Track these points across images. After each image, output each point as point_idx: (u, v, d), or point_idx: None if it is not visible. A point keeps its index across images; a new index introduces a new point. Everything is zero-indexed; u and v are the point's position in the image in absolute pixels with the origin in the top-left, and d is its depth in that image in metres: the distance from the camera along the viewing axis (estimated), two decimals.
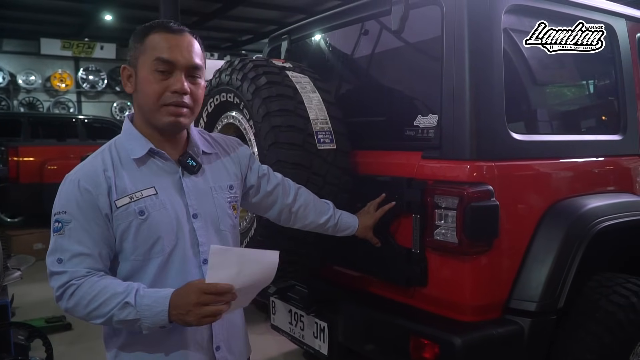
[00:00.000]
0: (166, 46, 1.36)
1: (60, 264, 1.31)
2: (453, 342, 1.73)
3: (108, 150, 1.42)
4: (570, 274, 1.86)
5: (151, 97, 1.36)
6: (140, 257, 1.36)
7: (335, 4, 10.79)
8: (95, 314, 1.29)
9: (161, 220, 1.36)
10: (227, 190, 1.53)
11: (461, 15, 1.86)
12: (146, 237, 1.35)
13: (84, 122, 8.71)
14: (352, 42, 2.46)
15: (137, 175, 1.38)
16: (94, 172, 1.35)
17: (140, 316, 1.26)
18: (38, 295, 5.11)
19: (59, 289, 1.31)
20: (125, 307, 1.26)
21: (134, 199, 1.35)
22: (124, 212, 1.34)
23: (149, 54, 1.35)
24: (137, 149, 1.40)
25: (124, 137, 1.44)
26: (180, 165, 1.44)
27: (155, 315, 1.26)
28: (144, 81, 1.36)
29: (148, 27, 1.39)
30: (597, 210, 2.00)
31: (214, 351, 1.46)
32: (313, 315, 2.30)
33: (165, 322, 1.27)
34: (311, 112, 1.98)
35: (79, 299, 1.29)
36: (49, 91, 14.25)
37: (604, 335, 1.87)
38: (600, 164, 2.23)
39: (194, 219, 1.43)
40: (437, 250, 1.86)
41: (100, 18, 11.71)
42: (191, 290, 1.26)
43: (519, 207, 1.92)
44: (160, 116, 1.38)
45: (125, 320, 1.27)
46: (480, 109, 1.84)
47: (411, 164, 1.95)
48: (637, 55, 2.42)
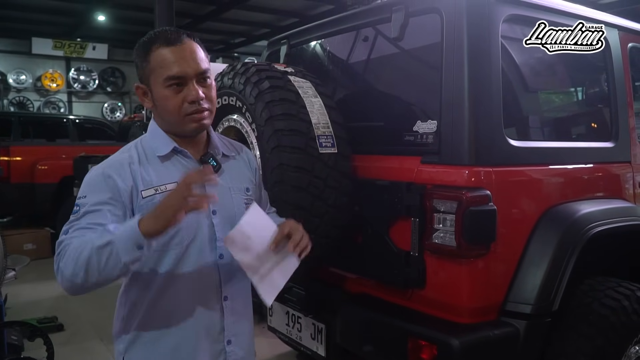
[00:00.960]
0: (172, 61, 1.40)
1: (65, 235, 1.32)
2: (451, 344, 1.76)
3: (134, 147, 1.48)
4: (564, 278, 1.90)
5: (172, 111, 1.42)
6: (159, 247, 1.37)
7: (327, 8, 10.85)
8: (81, 262, 1.23)
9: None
10: (244, 192, 1.58)
11: (460, 24, 1.91)
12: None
13: (75, 122, 8.65)
14: (352, 48, 2.50)
15: (162, 170, 1.44)
16: (119, 164, 1.41)
17: (113, 238, 1.22)
18: (29, 295, 5.09)
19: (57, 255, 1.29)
20: (103, 234, 1.25)
21: (159, 191, 1.39)
22: (149, 203, 1.37)
23: (158, 73, 1.41)
24: (161, 147, 1.46)
25: (150, 136, 1.50)
26: (202, 164, 1.49)
27: (125, 229, 1.23)
28: (162, 98, 1.42)
29: (148, 42, 1.43)
30: (591, 216, 2.05)
31: (224, 344, 1.49)
32: (311, 316, 2.33)
33: (136, 232, 1.20)
34: (313, 116, 2.02)
35: (68, 253, 1.26)
36: (39, 91, 14.15)
37: (596, 337, 1.91)
38: (593, 170, 2.29)
39: (213, 215, 1.47)
40: (435, 253, 1.90)
41: (94, 18, 11.65)
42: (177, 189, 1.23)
43: (516, 211, 1.97)
44: (185, 125, 1.44)
45: (100, 248, 1.22)
46: (478, 115, 1.89)
47: (410, 169, 1.99)
48: (628, 64, 2.48)
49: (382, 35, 2.31)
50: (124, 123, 11.87)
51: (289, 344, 2.80)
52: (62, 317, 4.30)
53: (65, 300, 4.96)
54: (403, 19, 2.08)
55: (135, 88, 1.48)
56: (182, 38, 1.43)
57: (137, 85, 1.47)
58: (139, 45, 1.46)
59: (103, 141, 8.12)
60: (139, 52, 1.44)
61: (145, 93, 1.46)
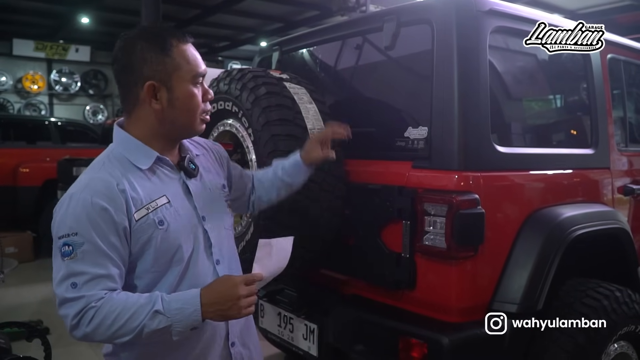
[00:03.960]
0: (196, 58, 1.38)
1: (75, 289, 1.23)
2: (441, 342, 1.83)
3: (109, 162, 1.35)
4: (548, 278, 1.98)
5: (195, 110, 1.39)
6: (161, 267, 1.35)
7: (313, 14, 10.93)
8: (122, 332, 1.23)
9: (179, 228, 1.36)
10: (222, 190, 1.57)
11: (450, 35, 1.98)
12: (168, 247, 1.34)
13: (57, 124, 8.58)
14: (344, 56, 2.57)
15: (148, 185, 1.35)
16: (106, 188, 1.28)
17: (171, 322, 1.23)
18: (13, 299, 5.04)
19: (76, 316, 1.23)
20: (155, 316, 1.22)
21: (151, 209, 1.32)
22: (144, 225, 1.31)
23: (186, 69, 1.35)
24: (142, 159, 1.36)
25: (122, 147, 1.38)
26: (181, 169, 1.44)
27: (187, 316, 1.24)
28: (188, 96, 1.36)
29: (165, 36, 1.34)
30: (573, 219, 2.13)
31: (229, 347, 1.48)
32: (303, 317, 2.38)
33: (198, 321, 1.25)
34: (308, 122, 2.07)
35: (101, 320, 1.22)
36: (20, 92, 13.95)
37: (578, 335, 2.00)
38: (574, 176, 2.38)
39: (204, 221, 1.44)
40: (425, 254, 1.96)
41: (77, 20, 11.56)
42: (230, 285, 1.28)
43: (502, 215, 2.04)
44: (198, 126, 1.42)
45: (156, 330, 1.23)
46: (467, 122, 1.96)
47: (402, 173, 2.05)
48: (607, 74, 2.58)
49: (373, 45, 2.38)
50: (107, 126, 11.77)
51: (279, 345, 2.84)
52: (47, 321, 4.27)
53: (50, 304, 4.91)
54: (395, 28, 2.15)
55: (147, 87, 1.33)
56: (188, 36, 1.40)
57: (150, 83, 1.33)
58: (147, 40, 1.33)
59: (86, 144, 8.07)
60: (152, 46, 1.33)
61: (157, 92, 1.34)
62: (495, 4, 2.06)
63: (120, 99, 1.42)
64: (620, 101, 2.76)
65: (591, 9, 9.22)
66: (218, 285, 1.30)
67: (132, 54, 1.34)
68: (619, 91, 2.75)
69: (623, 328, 2.12)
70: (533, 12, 2.30)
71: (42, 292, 5.31)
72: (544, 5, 8.72)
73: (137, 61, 1.33)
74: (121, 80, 1.38)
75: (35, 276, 5.91)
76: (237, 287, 1.28)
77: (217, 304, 1.26)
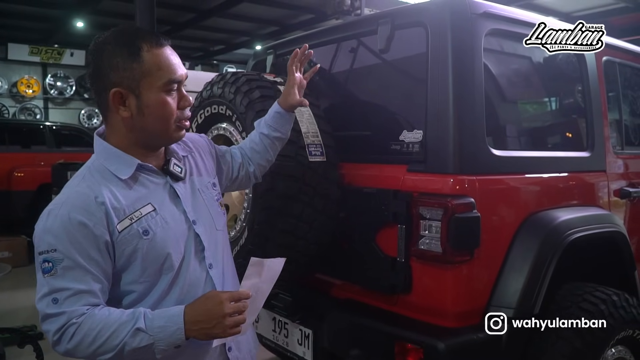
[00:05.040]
0: (172, 63, 1.31)
1: (56, 305, 1.21)
2: (437, 347, 1.81)
3: (90, 175, 1.32)
4: (545, 282, 1.97)
5: (168, 118, 1.32)
6: (151, 277, 1.32)
7: (307, 17, 10.94)
8: (103, 350, 1.21)
9: (166, 236, 1.33)
10: (212, 189, 1.52)
11: (445, 38, 1.97)
12: (155, 257, 1.31)
13: (52, 129, 8.55)
14: (339, 59, 2.56)
15: (131, 195, 1.31)
16: (84, 202, 1.25)
17: (153, 340, 1.21)
18: (6, 304, 5.01)
19: (57, 332, 1.21)
20: (137, 333, 1.20)
21: (134, 219, 1.29)
22: (127, 236, 1.27)
23: (157, 76, 1.28)
24: (123, 169, 1.32)
25: (102, 158, 1.34)
26: (167, 173, 1.40)
27: (170, 335, 1.22)
28: (158, 104, 1.30)
29: (134, 40, 1.28)
30: (569, 223, 2.12)
31: (226, 352, 1.47)
32: (298, 322, 2.36)
33: (182, 340, 1.23)
34: (302, 125, 2.06)
35: (82, 338, 1.20)
36: (15, 97, 13.93)
37: (575, 340, 1.98)
38: (570, 179, 2.37)
39: (194, 225, 1.41)
40: (421, 259, 1.94)
41: (72, 25, 11.54)
42: (215, 302, 1.25)
43: (498, 218, 2.03)
44: (173, 133, 1.36)
45: (138, 348, 1.21)
46: (462, 126, 1.95)
47: (397, 177, 2.04)
48: (603, 77, 2.58)
49: (368, 48, 2.37)
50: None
51: (274, 350, 2.81)
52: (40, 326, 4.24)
53: None
54: (389, 31, 2.14)
55: (113, 93, 1.27)
56: (164, 39, 1.33)
57: (116, 90, 1.26)
58: (116, 44, 1.27)
59: (81, 148, 8.04)
60: (119, 51, 1.26)
61: (124, 99, 1.28)
62: (489, 7, 2.06)
63: (97, 105, 1.38)
64: (615, 104, 2.76)
65: (586, 11, 9.26)
66: (203, 302, 1.27)
67: (100, 58, 1.28)
68: (615, 93, 2.75)
69: (620, 332, 2.10)
70: (528, 15, 2.30)
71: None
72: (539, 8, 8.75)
73: (105, 66, 1.28)
74: (92, 85, 1.33)
75: (30, 281, 5.84)
76: (222, 305, 1.25)
77: (202, 322, 1.24)
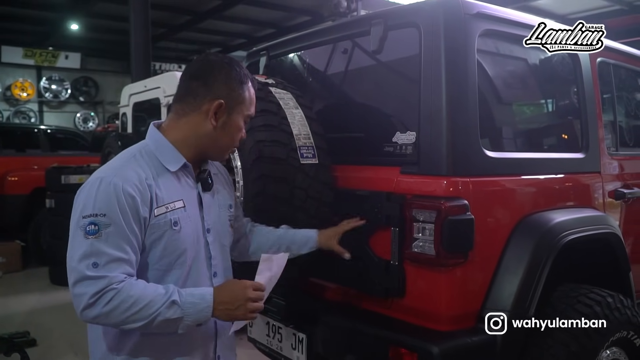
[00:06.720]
0: (254, 103, 1.56)
1: (96, 269, 1.27)
2: (431, 351, 1.79)
3: (140, 156, 1.43)
4: (540, 285, 1.96)
5: (233, 141, 1.54)
6: (164, 267, 1.41)
7: (304, 19, 10.95)
8: (136, 317, 1.28)
9: (188, 232, 1.44)
10: (228, 209, 1.64)
11: (438, 38, 1.95)
12: (175, 248, 1.41)
13: (46, 132, 8.52)
14: (332, 60, 2.54)
15: (170, 186, 1.44)
16: (137, 179, 1.36)
17: (184, 314, 1.31)
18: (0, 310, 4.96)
19: (95, 295, 1.26)
20: (172, 306, 1.30)
21: (169, 209, 1.40)
22: (160, 222, 1.38)
23: (245, 106, 1.52)
24: (172, 162, 1.46)
25: (154, 146, 1.47)
26: (199, 181, 1.53)
27: (199, 311, 1.33)
28: (235, 127, 1.51)
29: (246, 76, 1.52)
30: (564, 224, 2.11)
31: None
32: (291, 327, 2.34)
33: (208, 317, 1.36)
34: (294, 127, 2.04)
35: (119, 303, 1.27)
36: (9, 100, 13.89)
37: (570, 342, 1.97)
38: (565, 180, 2.35)
39: (208, 233, 1.52)
40: (415, 262, 1.93)
41: (66, 27, 11.52)
42: (240, 287, 1.40)
43: (492, 220, 2.01)
44: (224, 154, 1.58)
45: (168, 319, 1.30)
46: (456, 127, 1.93)
47: (390, 179, 2.02)
48: (597, 78, 2.57)
49: (361, 49, 2.35)
50: (98, 133, 11.71)
51: (268, 354, 2.79)
52: (34, 332, 4.20)
53: (37, 314, 4.86)
54: (382, 32, 2.12)
55: (218, 103, 1.46)
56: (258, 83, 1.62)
57: (221, 101, 1.46)
58: (232, 69, 1.49)
59: (76, 152, 8.00)
60: (235, 75, 1.49)
61: (220, 111, 1.47)
62: (483, 7, 2.04)
63: (176, 100, 1.51)
64: (610, 105, 2.75)
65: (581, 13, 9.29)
66: (229, 285, 1.43)
67: (219, 71, 1.48)
68: (609, 95, 2.74)
69: (615, 334, 2.09)
70: (521, 15, 2.28)
71: (31, 302, 5.24)
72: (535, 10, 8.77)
73: (218, 79, 1.47)
74: (192, 85, 1.48)
75: (24, 286, 5.83)
76: (247, 290, 1.39)
77: (227, 303, 1.36)
